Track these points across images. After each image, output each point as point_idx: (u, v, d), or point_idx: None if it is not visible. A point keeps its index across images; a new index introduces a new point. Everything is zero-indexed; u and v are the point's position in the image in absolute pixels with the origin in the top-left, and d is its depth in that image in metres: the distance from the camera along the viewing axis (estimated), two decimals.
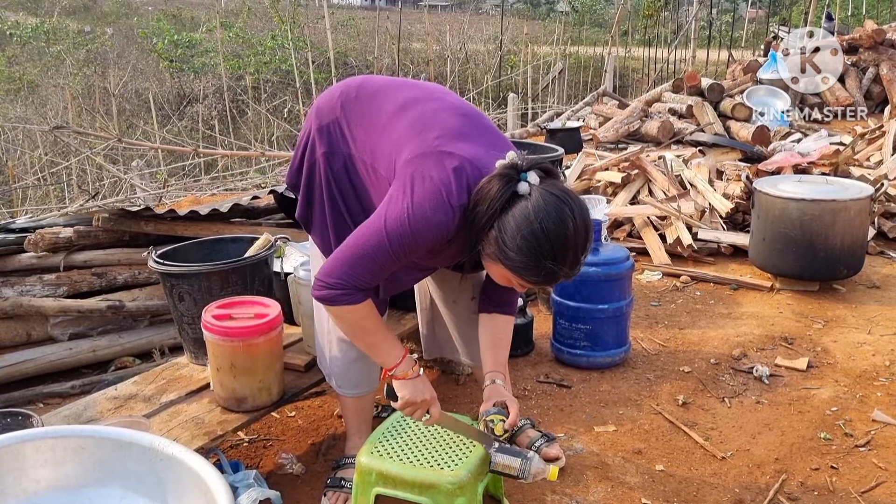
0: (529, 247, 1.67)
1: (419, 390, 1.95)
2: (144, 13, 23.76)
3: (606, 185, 5.30)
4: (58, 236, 3.30)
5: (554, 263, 1.69)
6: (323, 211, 2.06)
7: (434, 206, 1.76)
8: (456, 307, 2.37)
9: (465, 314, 2.36)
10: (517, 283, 1.80)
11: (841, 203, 3.79)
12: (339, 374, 2.25)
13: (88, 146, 7.17)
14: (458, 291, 2.34)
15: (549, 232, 1.67)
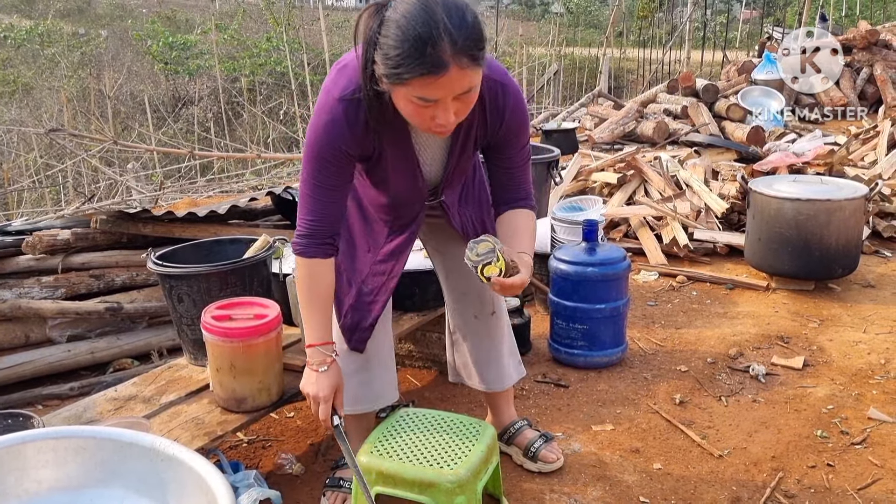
0: (403, 36, 1.57)
1: (311, 383, 1.94)
2: (139, 15, 23.73)
3: (602, 186, 5.32)
4: (55, 238, 3.30)
5: (430, 37, 1.55)
6: None
7: (320, 109, 1.82)
8: (476, 322, 2.36)
9: (485, 330, 2.36)
10: (419, 96, 1.63)
11: (836, 203, 3.81)
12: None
13: (84, 148, 7.16)
14: (480, 305, 2.33)
15: (414, 16, 1.57)
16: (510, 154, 2.04)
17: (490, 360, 2.39)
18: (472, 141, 1.98)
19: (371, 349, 2.21)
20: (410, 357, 3.19)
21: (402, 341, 3.16)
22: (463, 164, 2.06)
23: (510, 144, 2.01)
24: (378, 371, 2.25)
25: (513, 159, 2.05)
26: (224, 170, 8.47)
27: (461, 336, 2.41)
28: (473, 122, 1.92)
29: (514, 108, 1.95)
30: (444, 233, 2.28)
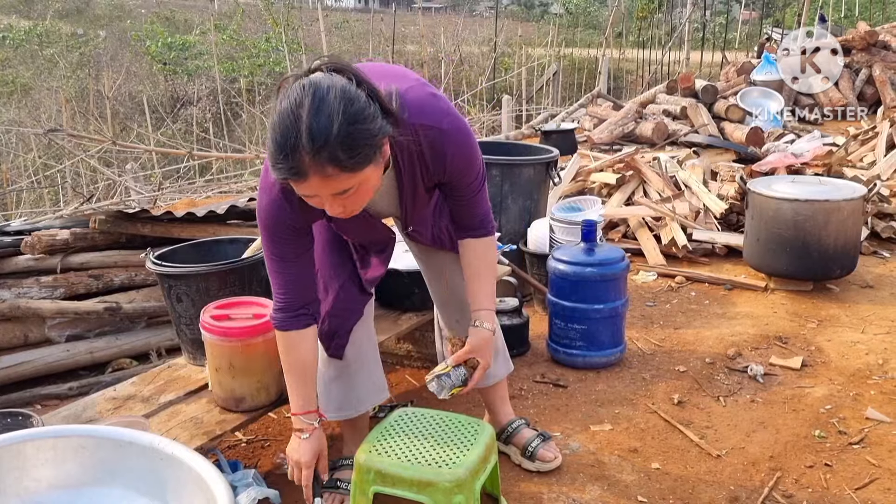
0: (272, 137, 1.57)
1: (294, 449, 2.01)
2: (137, 16, 23.71)
3: (601, 187, 5.32)
4: (54, 238, 3.30)
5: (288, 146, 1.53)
6: None
7: (261, 189, 1.88)
8: (458, 326, 2.35)
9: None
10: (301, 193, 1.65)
11: (834, 203, 3.81)
12: (321, 396, 2.25)
13: (82, 149, 7.16)
14: (460, 311, 2.32)
15: (282, 119, 1.54)
16: (461, 191, 2.03)
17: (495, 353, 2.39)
18: (420, 186, 1.97)
19: (350, 354, 2.22)
20: (409, 357, 3.19)
21: (401, 341, 3.16)
22: (419, 206, 2.06)
23: (458, 183, 2.00)
24: (360, 376, 2.26)
25: (463, 194, 2.04)
26: (223, 170, 8.47)
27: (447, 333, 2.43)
28: (416, 171, 1.91)
29: (455, 150, 1.90)
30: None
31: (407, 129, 1.77)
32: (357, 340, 2.22)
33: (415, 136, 1.81)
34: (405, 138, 1.78)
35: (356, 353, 2.23)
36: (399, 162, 1.88)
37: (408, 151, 1.85)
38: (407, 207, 2.02)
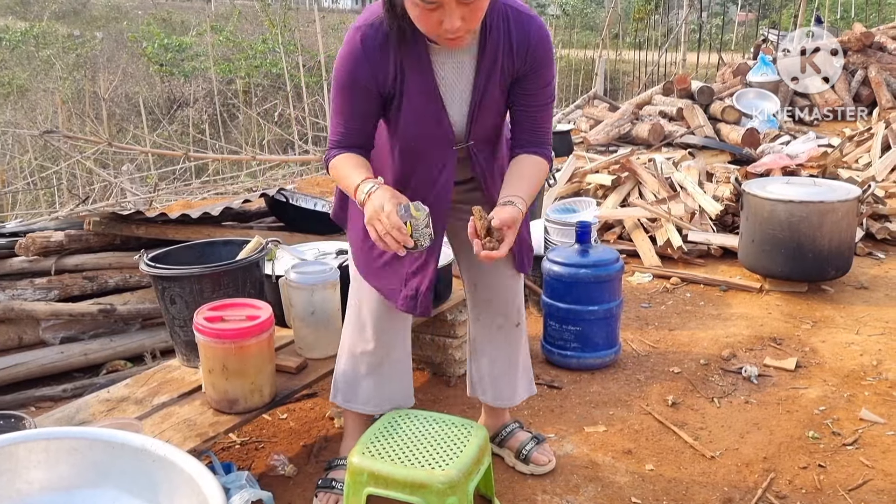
0: None
1: (373, 206, 1.79)
2: (134, 17, 23.69)
3: (597, 188, 5.33)
4: (49, 240, 3.30)
5: None
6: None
7: (343, 44, 1.90)
8: (499, 333, 2.34)
9: (505, 341, 2.35)
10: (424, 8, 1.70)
11: (828, 205, 3.82)
12: (347, 388, 2.27)
13: (78, 150, 7.16)
14: (504, 316, 2.32)
15: None
16: (534, 90, 2.00)
17: (505, 374, 2.38)
18: (497, 72, 1.95)
19: (389, 354, 2.22)
20: None
21: None
22: (488, 104, 2.00)
23: (535, 77, 1.98)
24: (394, 377, 2.25)
25: (536, 97, 2.01)
26: (219, 172, 8.47)
27: (480, 347, 2.39)
28: (499, 55, 1.92)
29: (540, 37, 1.95)
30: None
31: (497, 8, 1.89)
32: (393, 342, 2.22)
33: (504, 15, 1.91)
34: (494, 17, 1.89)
35: (396, 354, 2.23)
36: (484, 38, 1.91)
37: (495, 29, 1.91)
38: (476, 100, 1.98)
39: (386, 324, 2.19)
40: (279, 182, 7.35)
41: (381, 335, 2.20)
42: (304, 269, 2.55)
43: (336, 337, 2.56)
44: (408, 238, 1.77)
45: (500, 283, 2.29)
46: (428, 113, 1.96)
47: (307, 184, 6.92)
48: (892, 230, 4.72)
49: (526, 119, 2.04)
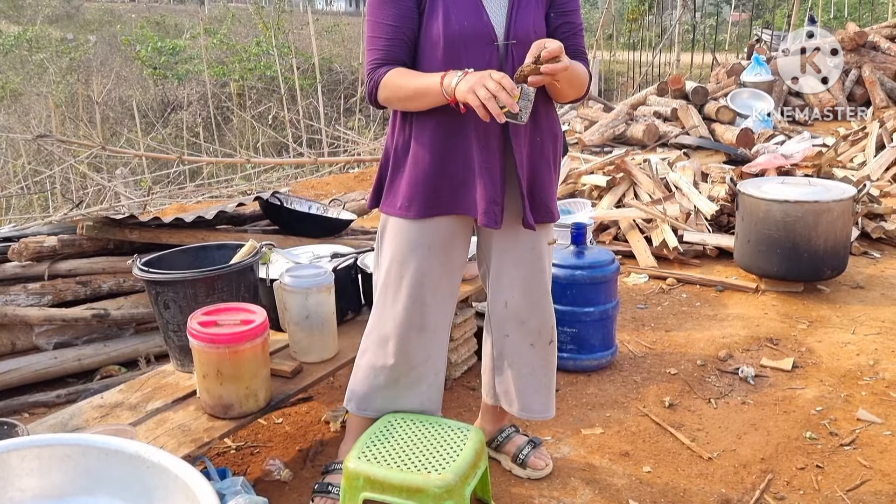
0: None
1: (475, 76, 1.81)
2: (128, 20, 23.66)
3: (592, 189, 5.32)
4: (42, 245, 3.28)
5: None
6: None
7: None
8: (532, 351, 2.29)
9: (539, 360, 2.30)
10: None
11: (824, 204, 3.82)
12: (363, 397, 2.23)
13: (72, 154, 7.13)
14: (538, 334, 2.27)
15: None
16: (569, 10, 2.07)
17: (540, 389, 2.32)
18: None
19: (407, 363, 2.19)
20: None
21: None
22: (525, 11, 2.00)
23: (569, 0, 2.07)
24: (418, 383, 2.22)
25: (572, 17, 2.07)
26: (213, 175, 8.45)
27: (509, 363, 2.31)
28: None
29: None
30: (507, 242, 2.19)
31: None
32: (417, 358, 2.18)
33: None
34: None
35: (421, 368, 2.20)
36: None
37: None
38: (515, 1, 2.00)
39: (414, 342, 2.16)
40: (274, 185, 7.34)
41: (406, 353, 2.16)
42: (299, 272, 2.53)
43: (331, 340, 2.56)
44: (514, 103, 1.77)
45: (535, 304, 2.24)
46: (465, 6, 1.98)
47: (302, 186, 6.90)
48: (888, 229, 4.73)
49: (568, 41, 2.03)
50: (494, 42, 1.98)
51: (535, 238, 2.18)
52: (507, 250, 2.20)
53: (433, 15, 1.98)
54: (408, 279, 2.12)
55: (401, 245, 2.11)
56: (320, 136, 9.69)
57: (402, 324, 2.14)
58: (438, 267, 2.13)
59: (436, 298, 2.15)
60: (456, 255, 2.19)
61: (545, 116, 2.11)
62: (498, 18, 2.00)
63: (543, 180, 2.12)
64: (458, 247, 2.18)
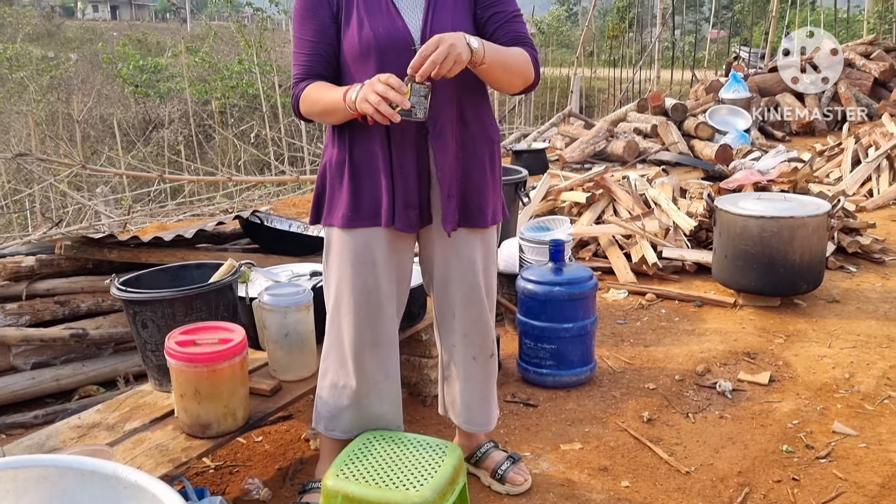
0: None
1: (365, 85, 1.86)
2: (109, 38, 23.60)
3: (571, 206, 5.36)
4: (20, 265, 3.26)
5: None
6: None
7: None
8: (474, 364, 2.31)
9: (481, 373, 2.33)
10: None
11: (798, 220, 3.87)
12: (329, 418, 2.25)
13: (52, 173, 7.10)
14: (480, 347, 2.30)
15: None
16: (501, 4, 2.08)
17: (480, 402, 2.36)
18: None
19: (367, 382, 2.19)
20: None
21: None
22: (442, 13, 2.02)
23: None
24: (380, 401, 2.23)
25: (503, 5, 2.08)
26: (195, 193, 8.43)
27: (454, 374, 2.35)
28: None
29: None
30: (448, 252, 2.20)
31: None
32: (376, 375, 2.20)
33: None
34: None
35: (381, 385, 2.21)
36: None
37: None
38: (431, 3, 2.03)
39: (369, 359, 2.17)
40: (256, 203, 7.33)
41: (364, 371, 2.18)
42: (278, 290, 2.54)
43: (310, 359, 2.56)
44: (405, 99, 1.80)
45: (477, 318, 2.26)
46: (380, 13, 2.01)
47: (283, 204, 6.90)
48: (863, 244, 4.79)
49: (503, 25, 2.07)
50: (412, 47, 1.98)
51: (473, 250, 2.19)
52: (449, 261, 2.21)
53: (348, 24, 2.02)
54: (356, 296, 2.13)
55: (345, 261, 2.13)
56: (302, 154, 9.70)
57: (356, 341, 2.15)
58: (385, 281, 2.15)
59: (386, 312, 2.17)
60: (402, 266, 2.21)
61: (475, 119, 2.11)
62: (414, 23, 2.01)
63: (477, 183, 2.12)
64: (402, 258, 2.20)
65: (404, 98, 1.80)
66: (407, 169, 2.04)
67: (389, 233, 2.11)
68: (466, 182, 2.11)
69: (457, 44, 1.83)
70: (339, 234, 2.12)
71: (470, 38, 1.89)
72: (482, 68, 1.94)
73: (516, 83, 2.07)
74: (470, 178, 2.11)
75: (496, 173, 2.20)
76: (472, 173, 2.11)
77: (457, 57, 1.82)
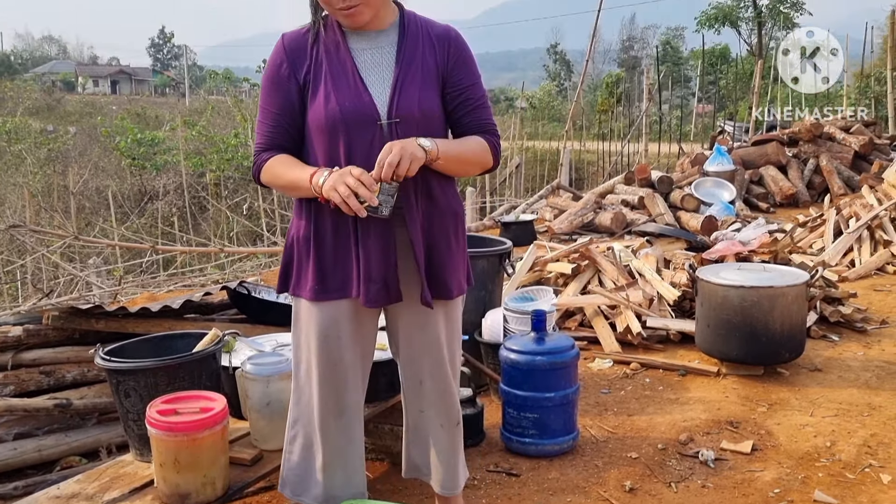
0: None
1: (337, 174, 1.93)
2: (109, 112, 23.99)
3: (558, 276, 5.42)
4: (7, 335, 3.29)
5: None
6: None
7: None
8: (441, 431, 2.35)
9: (448, 439, 2.35)
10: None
11: (778, 289, 3.93)
12: (296, 483, 2.26)
13: (45, 244, 7.17)
14: (447, 416, 2.33)
15: None
16: (467, 83, 2.15)
17: (449, 466, 2.38)
18: (419, 55, 2.10)
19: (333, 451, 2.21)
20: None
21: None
22: (413, 78, 2.08)
23: (464, 68, 2.15)
24: (346, 469, 2.24)
25: (470, 91, 2.15)
26: (187, 264, 8.49)
27: (422, 439, 2.38)
28: (419, 37, 2.12)
29: (458, 34, 2.18)
30: (413, 325, 2.24)
31: (412, 14, 2.15)
32: (341, 443, 2.22)
33: (420, 20, 2.16)
34: (411, 18, 2.14)
35: (346, 452, 2.23)
36: (403, 28, 2.12)
37: (413, 24, 2.13)
38: (398, 75, 2.07)
39: (333, 428, 2.20)
40: (247, 274, 7.39)
41: (329, 439, 2.21)
42: (260, 360, 2.57)
43: None
44: (374, 197, 1.87)
45: (443, 389, 2.30)
46: (347, 86, 2.05)
47: (274, 275, 6.95)
48: (845, 313, 4.84)
49: (471, 115, 2.15)
50: (378, 121, 2.04)
51: (437, 324, 2.22)
52: (413, 335, 2.24)
53: (315, 96, 2.07)
54: (321, 368, 2.16)
55: (312, 334, 2.15)
56: None
57: (321, 411, 2.18)
58: (349, 354, 2.18)
59: (350, 383, 2.20)
60: (367, 339, 2.24)
61: (441, 193, 2.16)
62: (381, 97, 2.06)
63: (442, 257, 2.16)
64: (367, 331, 2.23)
65: (373, 196, 1.88)
66: (372, 243, 2.07)
67: (355, 306, 2.14)
68: (431, 255, 2.15)
69: (407, 146, 1.93)
70: (307, 305, 2.15)
71: (421, 140, 1.99)
72: (437, 164, 2.04)
73: (473, 171, 2.20)
74: (435, 251, 2.15)
75: (460, 245, 2.24)
76: (437, 246, 2.16)
77: (411, 157, 1.93)
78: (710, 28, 23.09)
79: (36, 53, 76.69)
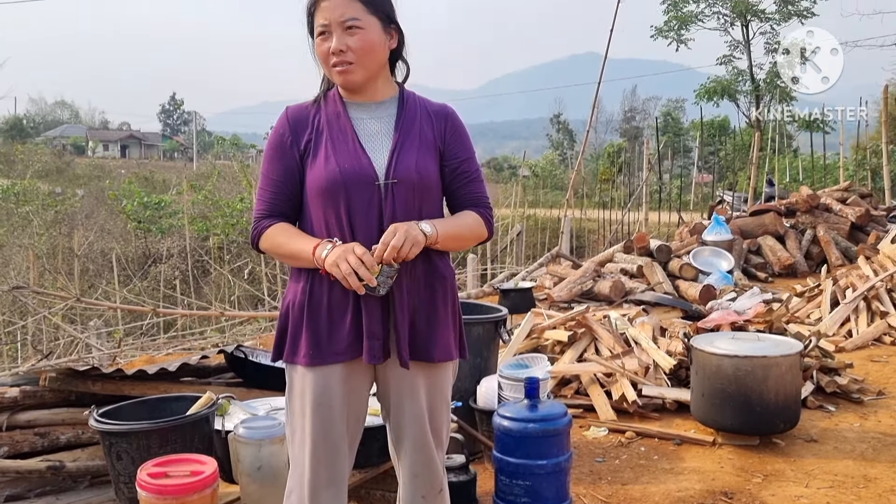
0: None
1: (340, 250, 1.99)
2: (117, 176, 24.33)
3: (554, 344, 5.44)
4: (3, 396, 3.31)
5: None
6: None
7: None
8: (423, 502, 2.32)
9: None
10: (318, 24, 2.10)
11: (772, 359, 3.96)
12: None
13: (47, 306, 7.22)
14: (430, 486, 2.31)
15: None
16: (462, 158, 2.23)
17: None
18: (417, 126, 2.19)
19: None
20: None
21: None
22: (411, 145, 2.16)
23: (459, 142, 2.24)
24: None
25: (465, 165, 2.24)
26: (188, 327, 8.52)
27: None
28: (417, 111, 2.21)
29: (455, 119, 2.27)
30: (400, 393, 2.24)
31: (410, 93, 2.25)
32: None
33: (418, 98, 2.26)
34: (410, 94, 2.24)
35: None
36: (402, 100, 2.22)
37: (411, 100, 2.23)
38: (397, 140, 2.15)
39: (324, 500, 2.19)
40: (247, 337, 7.42)
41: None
42: (253, 423, 2.59)
43: (283, 492, 2.58)
44: (372, 277, 1.96)
45: (427, 460, 2.29)
46: (346, 150, 2.14)
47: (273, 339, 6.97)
48: (841, 383, 4.85)
49: (464, 186, 2.24)
50: (376, 182, 2.11)
51: (420, 390, 2.22)
52: (402, 401, 2.24)
53: (315, 159, 2.15)
54: (314, 437, 2.16)
55: (307, 402, 2.16)
56: None
57: (313, 482, 2.17)
58: (340, 422, 2.18)
59: (341, 452, 2.20)
60: (359, 405, 2.25)
61: (433, 259, 2.21)
62: (379, 160, 2.14)
63: (426, 318, 2.18)
64: (359, 397, 2.25)
65: (372, 276, 1.97)
66: (373, 302, 2.12)
67: (347, 372, 2.17)
68: (415, 316, 2.18)
69: (410, 231, 2.03)
70: (302, 372, 2.17)
71: (423, 225, 2.08)
72: (437, 245, 2.13)
73: (468, 245, 2.32)
74: (419, 313, 2.18)
75: (448, 309, 2.25)
76: (422, 308, 2.19)
77: (413, 241, 2.02)
78: (708, 101, 23.52)
79: (48, 117, 78.01)
